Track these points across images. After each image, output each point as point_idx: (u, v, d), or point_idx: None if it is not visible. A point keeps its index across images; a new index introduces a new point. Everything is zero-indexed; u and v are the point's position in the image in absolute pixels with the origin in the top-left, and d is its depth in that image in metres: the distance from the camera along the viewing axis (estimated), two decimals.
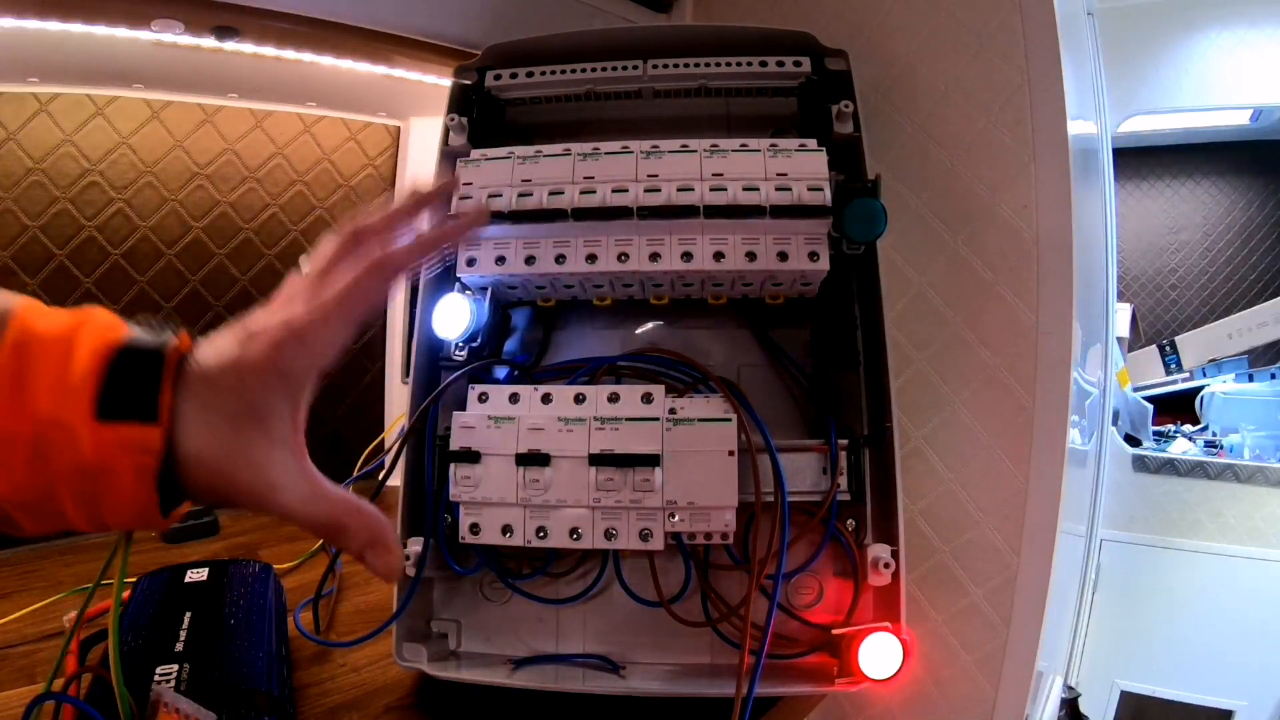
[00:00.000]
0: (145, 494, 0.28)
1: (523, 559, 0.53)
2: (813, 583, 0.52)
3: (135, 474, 0.27)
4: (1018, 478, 0.58)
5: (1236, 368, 1.81)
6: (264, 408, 0.29)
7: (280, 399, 0.30)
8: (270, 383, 0.29)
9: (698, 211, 0.48)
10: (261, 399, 0.29)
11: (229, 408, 0.29)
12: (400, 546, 0.31)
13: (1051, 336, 0.57)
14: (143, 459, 0.27)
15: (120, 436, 0.27)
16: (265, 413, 0.29)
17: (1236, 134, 2.10)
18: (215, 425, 0.29)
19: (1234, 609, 1.49)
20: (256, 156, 0.97)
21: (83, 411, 0.27)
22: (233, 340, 0.30)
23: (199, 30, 0.66)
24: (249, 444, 0.29)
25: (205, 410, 0.29)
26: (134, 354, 0.28)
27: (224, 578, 0.56)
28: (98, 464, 0.27)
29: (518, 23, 0.75)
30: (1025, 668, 0.58)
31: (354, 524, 0.31)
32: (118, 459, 0.27)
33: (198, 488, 0.29)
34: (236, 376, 0.29)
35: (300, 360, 0.30)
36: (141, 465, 0.27)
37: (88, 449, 0.26)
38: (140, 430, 0.27)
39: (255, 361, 0.29)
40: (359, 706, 0.51)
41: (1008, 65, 0.60)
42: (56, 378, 0.27)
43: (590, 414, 0.48)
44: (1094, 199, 1.36)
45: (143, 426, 0.27)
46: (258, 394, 0.29)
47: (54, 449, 0.26)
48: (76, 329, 0.28)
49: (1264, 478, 1.48)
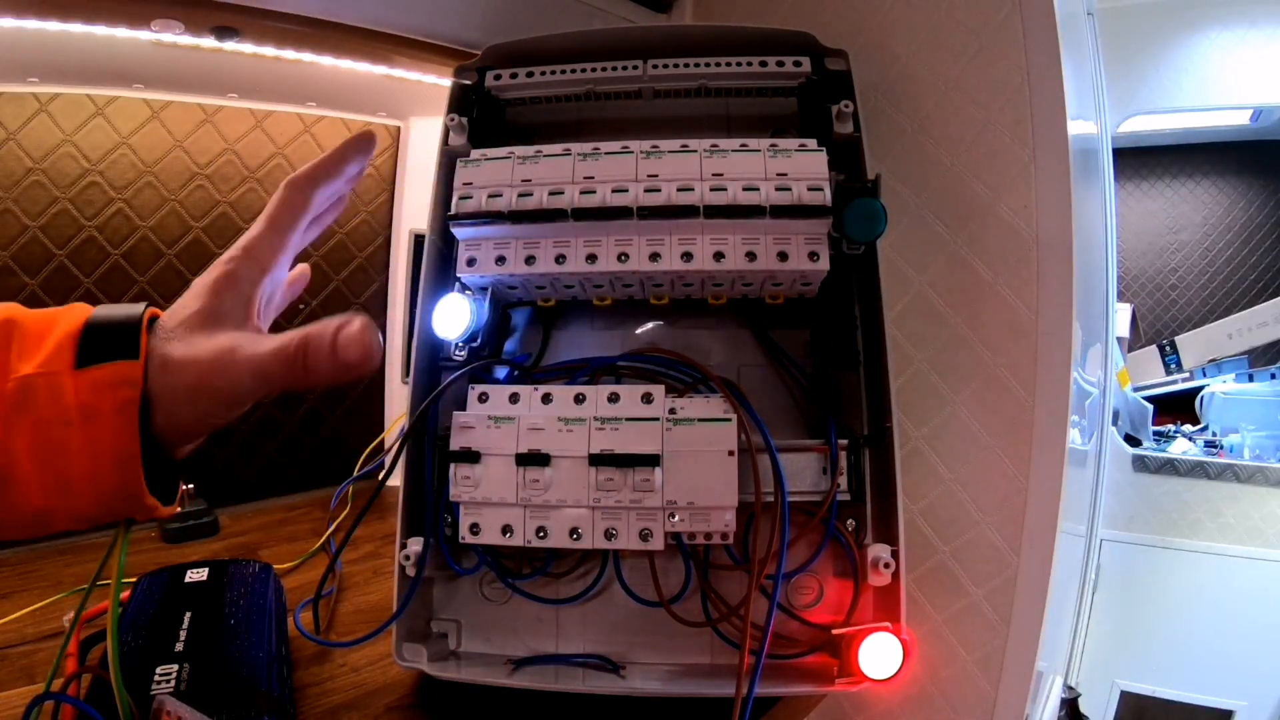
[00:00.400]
0: (128, 436, 0.29)
1: (523, 559, 0.53)
2: (813, 583, 0.52)
3: (118, 411, 0.28)
4: (1018, 478, 0.58)
5: (1236, 368, 1.81)
6: (220, 311, 0.33)
7: (233, 301, 0.34)
8: (221, 288, 0.34)
9: (698, 211, 0.48)
10: (216, 304, 0.33)
11: (193, 325, 0.32)
12: (368, 319, 0.32)
13: (1051, 336, 0.57)
14: (125, 393, 0.29)
15: (103, 375, 0.29)
16: (221, 315, 0.33)
17: (1236, 134, 2.10)
18: (185, 341, 0.32)
19: (1234, 609, 1.49)
20: (256, 156, 0.97)
21: (65, 362, 0.29)
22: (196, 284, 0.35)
23: (199, 30, 0.66)
24: (209, 338, 0.32)
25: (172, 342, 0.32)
26: (109, 318, 0.31)
27: (224, 578, 0.56)
28: (80, 408, 0.28)
29: (517, 23, 0.75)
30: (1025, 668, 0.58)
31: (313, 332, 0.31)
32: (101, 398, 0.28)
33: (172, 411, 0.30)
34: (194, 293, 0.34)
35: (246, 268, 0.35)
36: (124, 400, 0.29)
37: (70, 394, 0.28)
38: (121, 367, 0.29)
39: (212, 277, 0.34)
40: (359, 706, 0.51)
41: (1008, 65, 0.60)
42: (38, 342, 0.29)
43: (590, 414, 0.48)
44: (1094, 199, 1.36)
45: (124, 363, 0.29)
46: (211, 301, 0.33)
47: (34, 401, 0.28)
48: (57, 312, 0.31)
49: (1264, 478, 1.48)
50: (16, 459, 0.28)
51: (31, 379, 0.28)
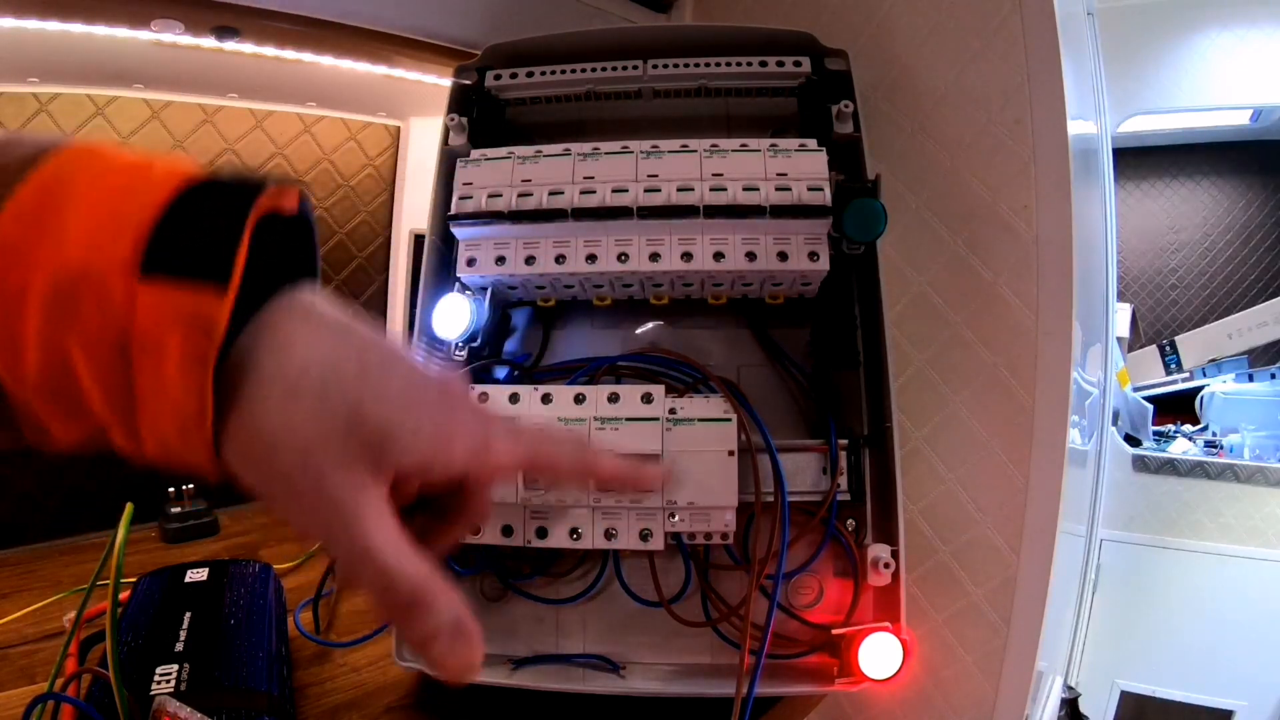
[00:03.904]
0: (193, 393, 0.20)
1: (522, 559, 0.53)
2: (813, 583, 0.52)
3: (182, 361, 0.20)
4: (1018, 478, 0.58)
5: (1236, 368, 1.81)
6: (385, 413, 0.22)
7: (411, 429, 0.23)
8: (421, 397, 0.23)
9: (698, 211, 0.48)
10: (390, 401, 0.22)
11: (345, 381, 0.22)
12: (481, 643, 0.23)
13: (1051, 336, 0.57)
14: (194, 338, 0.20)
15: (168, 299, 0.19)
16: (379, 419, 0.22)
17: (1236, 134, 2.10)
18: (322, 336, 0.22)
19: (1234, 609, 1.49)
20: (256, 156, 0.97)
21: (122, 255, 0.20)
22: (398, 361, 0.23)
23: (199, 30, 0.66)
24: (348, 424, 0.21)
25: (305, 314, 0.22)
26: (211, 191, 0.21)
27: (224, 578, 0.56)
28: (134, 333, 0.20)
29: (518, 23, 0.74)
30: (1025, 668, 0.58)
31: (441, 597, 0.22)
32: (161, 331, 0.20)
33: (261, 428, 0.21)
34: (386, 357, 0.23)
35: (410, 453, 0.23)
36: (191, 348, 0.20)
37: (120, 308, 0.19)
38: (197, 295, 0.20)
39: (427, 384, 0.24)
40: (359, 706, 0.51)
41: (1008, 65, 0.60)
42: (92, 217, 0.20)
43: (590, 414, 0.48)
44: (1094, 199, 1.36)
45: (201, 289, 0.20)
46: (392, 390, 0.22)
47: (76, 306, 0.20)
48: (144, 164, 0.22)
49: (1264, 478, 1.48)
50: (71, 357, 0.20)
51: (73, 277, 0.19)
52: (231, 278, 0.20)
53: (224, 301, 0.20)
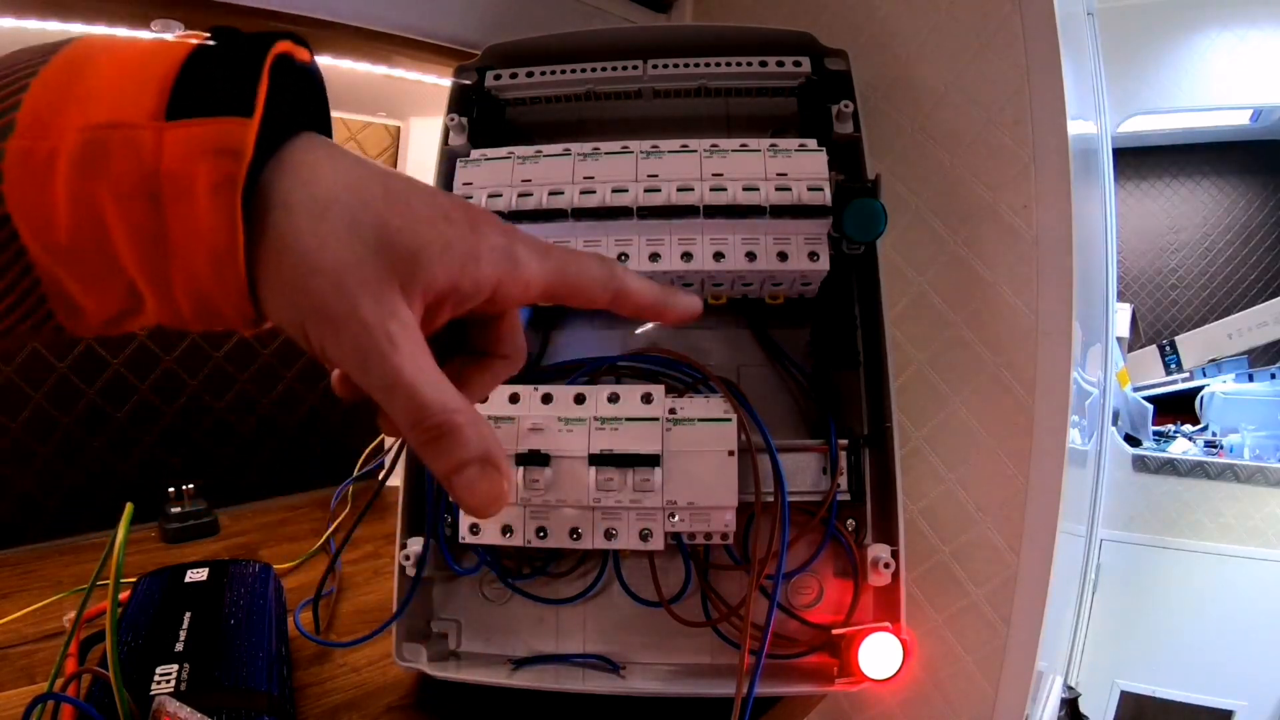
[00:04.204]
0: (226, 227, 0.20)
1: (522, 559, 0.53)
2: (813, 583, 0.52)
3: (213, 189, 0.20)
4: (1018, 478, 0.58)
5: (1236, 368, 1.81)
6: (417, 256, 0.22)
7: (444, 270, 0.23)
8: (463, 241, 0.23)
9: (698, 211, 0.48)
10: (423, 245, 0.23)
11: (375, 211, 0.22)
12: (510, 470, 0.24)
13: (1051, 337, 0.57)
14: (225, 165, 0.20)
15: (196, 134, 0.20)
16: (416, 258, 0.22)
17: (1236, 134, 2.10)
18: (344, 165, 0.23)
19: (1234, 609, 1.49)
20: None
21: (147, 107, 0.20)
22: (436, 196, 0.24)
23: (199, 30, 0.66)
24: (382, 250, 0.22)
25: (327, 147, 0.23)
26: (227, 41, 0.22)
27: (224, 578, 0.56)
28: (167, 176, 0.20)
29: (517, 23, 0.74)
30: (1025, 668, 0.58)
31: (469, 426, 0.23)
32: (191, 166, 0.20)
33: (295, 248, 0.21)
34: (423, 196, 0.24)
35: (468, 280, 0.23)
36: (222, 175, 0.20)
37: (150, 156, 0.20)
38: (224, 125, 0.20)
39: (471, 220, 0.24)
40: (359, 706, 0.51)
41: (1008, 65, 0.60)
42: (116, 79, 0.21)
43: (590, 414, 0.48)
44: (1094, 199, 1.36)
45: (228, 121, 0.20)
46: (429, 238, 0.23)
47: (105, 165, 0.20)
48: (161, 44, 0.22)
49: (1264, 478, 1.48)
50: (109, 229, 0.20)
51: (101, 132, 0.20)
52: (255, 107, 0.21)
53: (249, 126, 0.20)
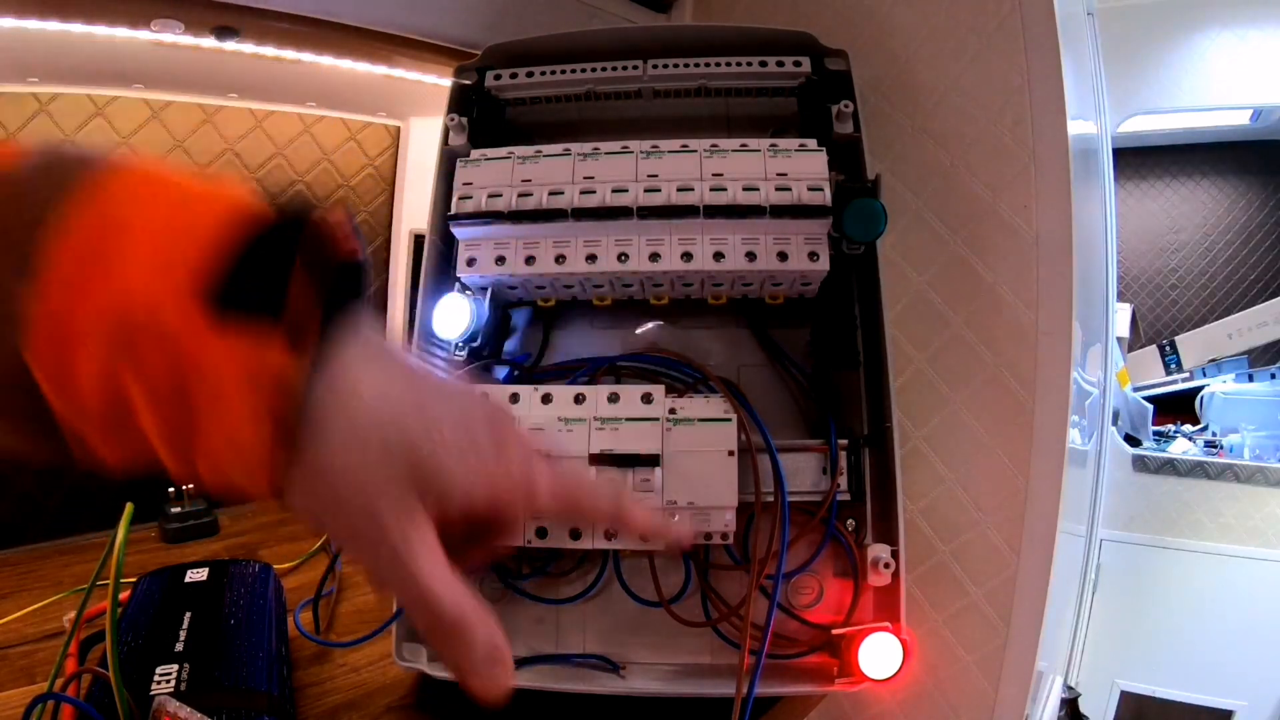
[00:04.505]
0: (255, 428, 0.20)
1: (522, 559, 0.53)
2: (813, 583, 0.52)
3: (252, 416, 0.20)
4: (1018, 478, 0.58)
5: (1236, 368, 1.81)
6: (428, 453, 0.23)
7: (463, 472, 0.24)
8: None
9: (698, 211, 0.48)
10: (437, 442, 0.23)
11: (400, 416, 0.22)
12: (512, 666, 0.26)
13: (1051, 336, 0.57)
14: (265, 394, 0.19)
15: (235, 349, 0.19)
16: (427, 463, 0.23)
17: (1236, 134, 2.09)
18: (387, 374, 0.22)
19: (1234, 609, 1.49)
20: (256, 156, 0.97)
21: (185, 304, 0.19)
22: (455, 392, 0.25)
23: (199, 30, 0.66)
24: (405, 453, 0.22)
25: (369, 352, 0.22)
26: (273, 231, 0.21)
27: (224, 578, 0.56)
28: (199, 379, 0.19)
29: (518, 23, 0.74)
30: (1025, 668, 0.58)
31: (480, 626, 0.25)
32: (232, 379, 0.19)
33: (324, 466, 0.21)
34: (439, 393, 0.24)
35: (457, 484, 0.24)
36: (262, 405, 0.19)
37: (186, 355, 0.19)
38: (266, 352, 0.19)
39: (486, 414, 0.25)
40: (359, 706, 0.51)
41: (1008, 65, 0.60)
42: (151, 256, 0.19)
43: (590, 414, 0.48)
44: (1094, 199, 1.36)
45: (270, 345, 0.19)
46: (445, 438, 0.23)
47: (136, 344, 0.19)
48: (198, 194, 0.21)
49: (1264, 478, 1.48)
50: (129, 393, 0.20)
51: (135, 318, 0.19)
52: (283, 306, 0.20)
53: (301, 362, 0.20)
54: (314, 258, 0.21)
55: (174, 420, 0.20)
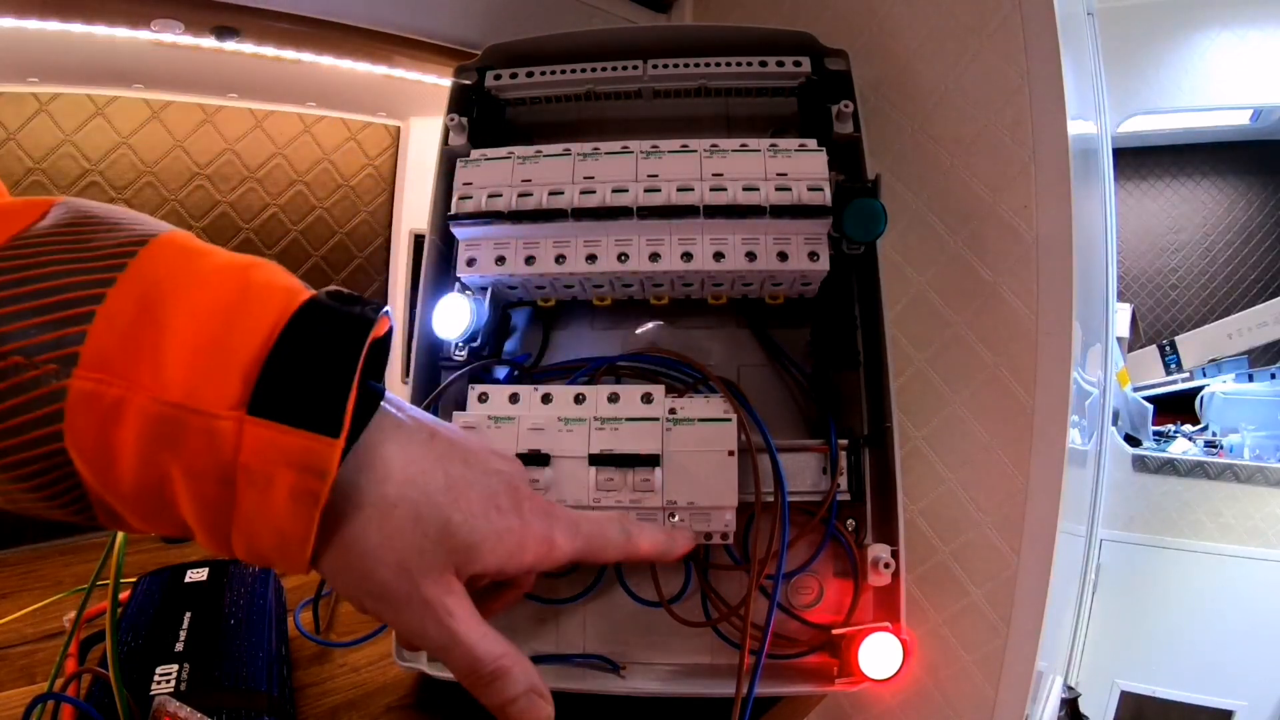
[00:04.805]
0: (299, 525, 0.21)
1: None
2: (813, 583, 0.52)
3: (291, 498, 0.20)
4: (1018, 478, 0.58)
5: (1236, 368, 1.81)
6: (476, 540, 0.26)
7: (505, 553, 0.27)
8: None
9: (698, 211, 0.48)
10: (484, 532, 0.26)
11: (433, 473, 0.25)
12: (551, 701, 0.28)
13: (1051, 336, 0.57)
14: (306, 480, 0.20)
15: (278, 441, 0.20)
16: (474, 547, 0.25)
17: (1236, 134, 2.10)
18: (419, 463, 0.24)
19: (1234, 609, 1.49)
20: (256, 156, 0.97)
21: (229, 396, 0.20)
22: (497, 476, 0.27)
23: (199, 30, 0.66)
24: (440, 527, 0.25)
25: (409, 442, 0.24)
26: (315, 326, 0.21)
27: (224, 578, 0.56)
28: (241, 467, 0.20)
29: (517, 23, 0.75)
30: (1025, 668, 0.58)
31: (516, 668, 0.27)
32: (271, 469, 0.20)
33: (357, 549, 0.23)
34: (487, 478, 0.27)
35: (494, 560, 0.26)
36: (303, 489, 0.20)
37: (228, 446, 0.20)
38: (308, 441, 0.20)
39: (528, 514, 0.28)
40: (359, 706, 0.51)
41: (1008, 65, 0.60)
42: (193, 344, 0.20)
43: (590, 414, 0.48)
44: (1094, 199, 1.36)
45: (316, 440, 0.20)
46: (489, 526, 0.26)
47: (182, 443, 0.19)
48: (241, 279, 0.21)
49: (1264, 478, 1.48)
50: (169, 478, 0.20)
51: (178, 411, 0.19)
52: (343, 425, 0.20)
53: (335, 447, 0.20)
54: (366, 366, 0.22)
55: (214, 505, 0.21)
